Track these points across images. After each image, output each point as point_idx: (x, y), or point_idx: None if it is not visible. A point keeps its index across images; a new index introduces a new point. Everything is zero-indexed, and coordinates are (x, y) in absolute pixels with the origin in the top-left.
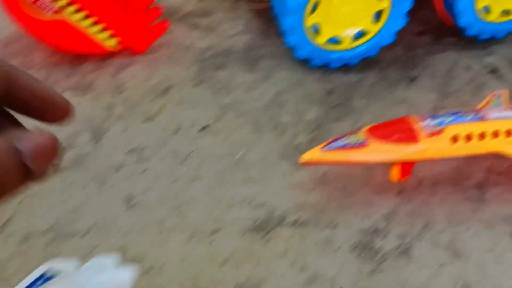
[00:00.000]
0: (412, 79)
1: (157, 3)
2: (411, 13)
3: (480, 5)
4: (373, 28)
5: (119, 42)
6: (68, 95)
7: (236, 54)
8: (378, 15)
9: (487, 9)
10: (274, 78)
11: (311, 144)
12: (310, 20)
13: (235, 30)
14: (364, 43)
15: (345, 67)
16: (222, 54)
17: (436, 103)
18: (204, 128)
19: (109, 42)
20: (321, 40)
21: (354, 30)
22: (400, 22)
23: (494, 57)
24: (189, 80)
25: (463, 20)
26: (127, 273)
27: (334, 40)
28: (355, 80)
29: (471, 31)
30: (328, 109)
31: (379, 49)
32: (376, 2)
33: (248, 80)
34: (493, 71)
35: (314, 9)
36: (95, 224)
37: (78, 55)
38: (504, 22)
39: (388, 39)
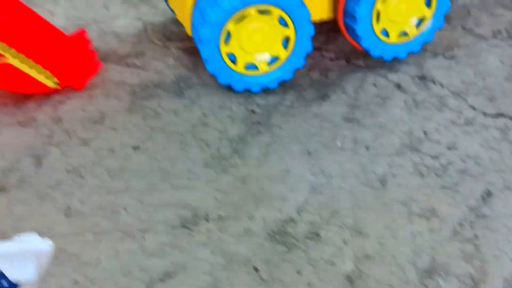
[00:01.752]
0: (325, 97)
1: (95, 47)
2: (327, 42)
3: (377, 29)
4: (284, 54)
5: (59, 81)
6: (11, 129)
7: (166, 86)
8: (287, 41)
9: (385, 33)
10: (200, 103)
11: (232, 154)
12: (224, 49)
13: (165, 66)
14: (278, 67)
15: (267, 91)
16: (152, 87)
17: (346, 115)
18: (135, 148)
19: (49, 81)
20: (238, 67)
21: (266, 56)
22: (307, 46)
23: (398, 75)
24: (122, 110)
25: (365, 43)
26: (46, 244)
27: (251, 66)
28: (275, 101)
29: (375, 52)
30: (250, 126)
31: (293, 72)
32: (282, 29)
33: (176, 106)
34: (398, 85)
35: (228, 39)
36: (35, 232)
37: (23, 94)
38: (404, 43)
39: (300, 62)
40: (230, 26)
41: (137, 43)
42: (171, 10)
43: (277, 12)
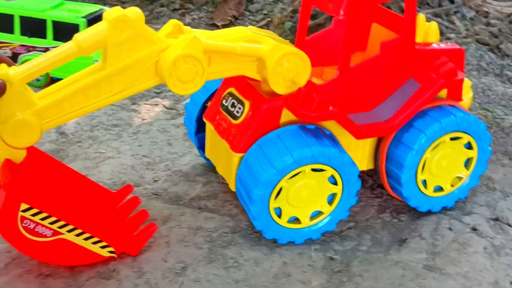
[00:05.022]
0: (402, 242)
1: (165, 188)
2: None
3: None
4: (328, 209)
5: (114, 249)
6: (93, 281)
7: (242, 231)
8: (332, 198)
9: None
10: (279, 250)
11: None
12: (273, 205)
13: (238, 210)
14: (321, 220)
15: (342, 235)
16: (229, 232)
17: (427, 262)
18: None
19: (104, 251)
20: (282, 220)
21: (311, 211)
22: (352, 201)
23: (471, 217)
24: (202, 259)
25: (405, 193)
26: None
27: (293, 219)
28: (351, 246)
29: (423, 208)
30: (332, 275)
31: (336, 224)
32: (330, 186)
33: (255, 255)
34: (473, 229)
35: (277, 195)
36: None
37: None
38: (439, 197)
39: (343, 215)
40: (283, 182)
41: (206, 183)
42: (208, 161)
43: (330, 171)
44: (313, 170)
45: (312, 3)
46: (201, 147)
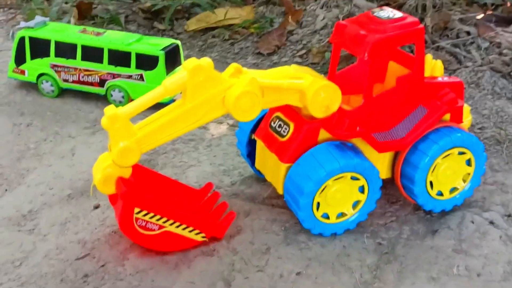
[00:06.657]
0: (434, 231)
1: (241, 190)
2: None
3: (433, 191)
4: (352, 212)
5: (205, 235)
6: (200, 258)
7: None
8: (356, 203)
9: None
10: (338, 237)
11: (374, 279)
12: (317, 199)
13: None
14: (345, 220)
15: (386, 226)
16: (298, 223)
17: (455, 247)
18: (298, 273)
19: (198, 237)
20: (318, 214)
21: (338, 212)
22: (372, 207)
23: (489, 213)
24: (281, 242)
25: (420, 200)
26: None
27: (325, 215)
28: (395, 234)
29: (427, 207)
30: (381, 255)
31: (356, 224)
32: (358, 194)
33: (321, 240)
34: (491, 222)
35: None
36: None
37: None
38: (452, 198)
39: (363, 217)
40: (329, 182)
41: None
42: (256, 171)
43: (362, 181)
44: (351, 178)
45: (341, 46)
46: (253, 164)
